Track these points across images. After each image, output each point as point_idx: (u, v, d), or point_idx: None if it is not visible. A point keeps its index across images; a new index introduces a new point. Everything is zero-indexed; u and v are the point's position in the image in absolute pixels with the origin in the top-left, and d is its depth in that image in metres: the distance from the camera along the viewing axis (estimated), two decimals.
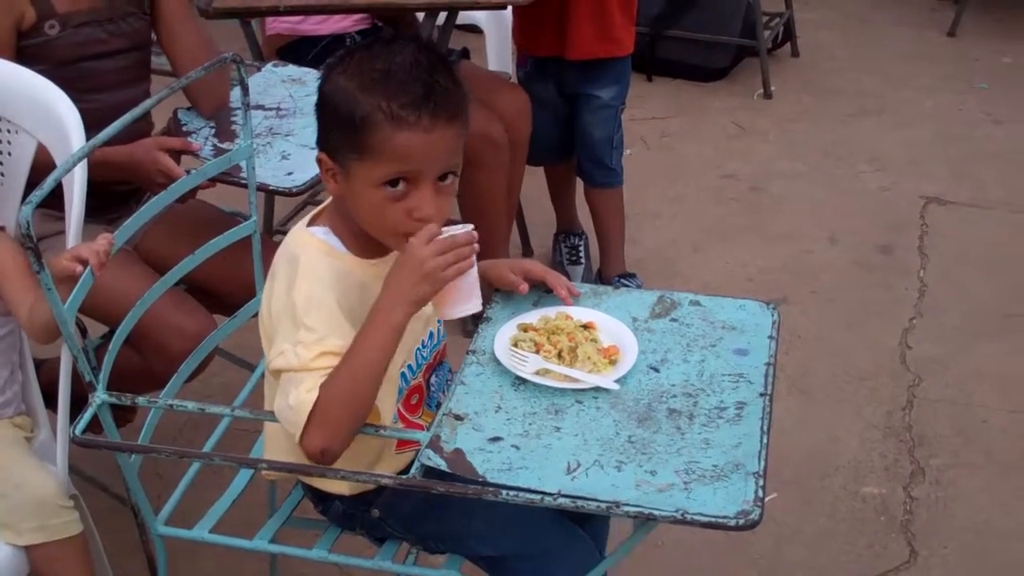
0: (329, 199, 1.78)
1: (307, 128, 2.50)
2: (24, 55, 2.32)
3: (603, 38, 3.18)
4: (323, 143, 1.69)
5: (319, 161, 1.69)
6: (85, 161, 1.82)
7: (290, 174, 2.37)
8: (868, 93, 4.85)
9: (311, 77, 2.73)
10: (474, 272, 1.67)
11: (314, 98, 1.71)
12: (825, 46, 5.34)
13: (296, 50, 3.07)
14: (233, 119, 2.59)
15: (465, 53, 3.31)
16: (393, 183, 1.62)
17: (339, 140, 1.64)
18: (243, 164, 2.18)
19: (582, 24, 3.14)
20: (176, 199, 2.05)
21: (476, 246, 1.65)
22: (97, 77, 2.42)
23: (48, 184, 1.67)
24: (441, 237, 1.62)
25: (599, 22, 3.15)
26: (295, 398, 1.60)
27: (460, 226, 1.67)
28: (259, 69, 2.82)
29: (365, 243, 1.73)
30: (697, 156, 4.36)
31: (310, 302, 1.63)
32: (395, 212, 1.64)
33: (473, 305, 1.69)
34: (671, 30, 4.94)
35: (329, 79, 1.67)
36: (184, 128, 2.56)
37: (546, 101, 3.30)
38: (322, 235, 1.73)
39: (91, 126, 2.04)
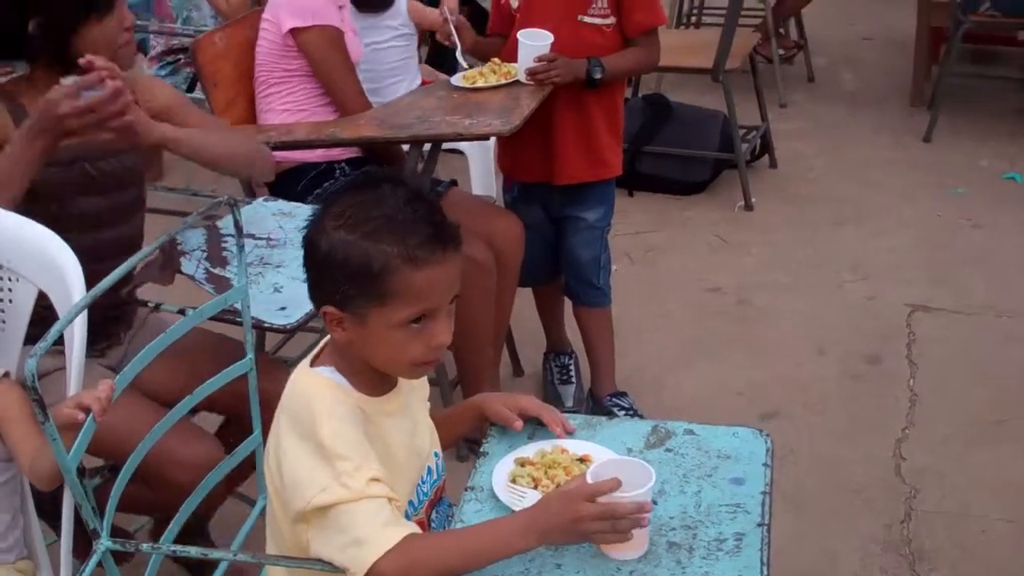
0: (326, 338, 1.81)
1: (297, 260, 2.52)
2: None
3: (591, 162, 3.24)
4: (327, 297, 1.70)
5: (324, 314, 1.71)
6: (86, 311, 1.85)
7: (283, 309, 2.41)
8: (847, 201, 4.93)
9: (301, 211, 2.78)
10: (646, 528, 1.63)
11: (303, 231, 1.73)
12: (803, 156, 5.45)
13: (285, 181, 3.12)
14: (224, 244, 2.64)
15: (453, 182, 3.36)
16: (415, 320, 1.66)
17: (352, 291, 1.65)
18: (239, 303, 2.21)
19: (569, 150, 3.20)
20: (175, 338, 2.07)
21: (647, 516, 1.60)
22: (91, 215, 2.44)
23: (52, 335, 1.71)
24: (610, 500, 1.57)
25: (587, 147, 3.21)
26: (367, 532, 1.57)
27: (641, 473, 1.63)
28: (250, 203, 2.87)
29: (370, 380, 1.75)
30: (682, 270, 4.41)
31: (336, 437, 1.63)
32: (415, 347, 1.69)
33: (635, 553, 1.63)
34: (650, 145, 5.04)
35: (324, 234, 1.67)
36: (180, 248, 2.61)
37: (533, 224, 3.35)
38: (328, 375, 1.75)
39: (87, 263, 2.08)
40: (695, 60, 4.92)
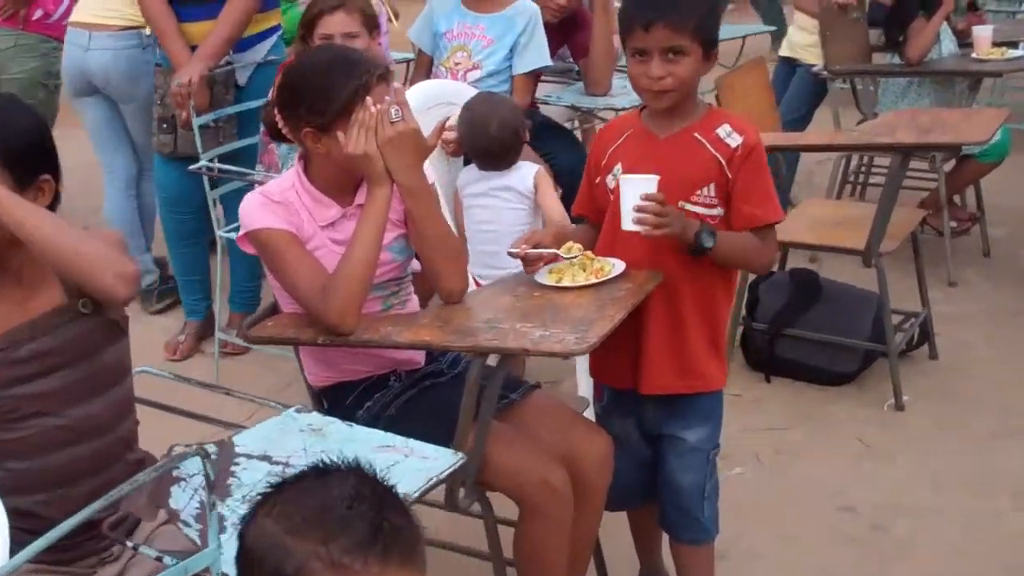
0: None
1: None
2: None
3: (684, 372, 2.79)
4: None
5: None
6: None
7: None
8: (1017, 409, 4.30)
9: (333, 429, 2.44)
10: None
11: (328, 455, 1.45)
12: (969, 347, 4.84)
13: (333, 395, 2.76)
14: (234, 470, 2.31)
15: (537, 385, 2.95)
16: None
17: None
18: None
19: (657, 356, 2.77)
20: None
21: None
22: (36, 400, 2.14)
23: None
24: None
25: (678, 355, 2.77)
26: None
27: None
28: (282, 410, 2.53)
29: None
30: (815, 480, 3.87)
31: None
32: None
33: None
34: (793, 328, 4.54)
35: (252, 523, 1.38)
36: (174, 473, 2.29)
37: (624, 439, 2.89)
38: None
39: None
40: (847, 238, 4.44)
